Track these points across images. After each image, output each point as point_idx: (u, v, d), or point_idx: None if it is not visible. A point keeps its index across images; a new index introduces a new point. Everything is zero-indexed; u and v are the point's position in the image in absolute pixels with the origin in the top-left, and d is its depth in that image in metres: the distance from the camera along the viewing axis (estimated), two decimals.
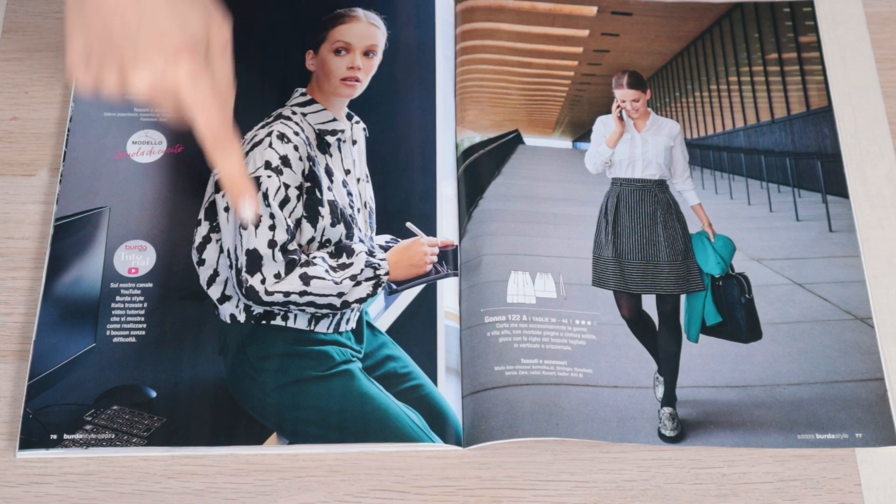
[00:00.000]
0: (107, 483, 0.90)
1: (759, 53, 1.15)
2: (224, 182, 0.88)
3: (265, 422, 0.92)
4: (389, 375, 0.96)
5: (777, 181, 1.11)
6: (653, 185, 1.08)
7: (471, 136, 1.09)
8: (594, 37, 1.16)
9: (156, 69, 0.84)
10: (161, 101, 0.87)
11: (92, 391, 0.93)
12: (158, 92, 0.85)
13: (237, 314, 0.97)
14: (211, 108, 0.86)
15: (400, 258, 0.99)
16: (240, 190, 0.88)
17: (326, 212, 0.98)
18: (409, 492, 0.90)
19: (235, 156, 0.87)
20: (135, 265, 0.99)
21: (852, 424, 0.93)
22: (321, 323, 0.97)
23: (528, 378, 0.94)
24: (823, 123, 1.09)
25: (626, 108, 1.10)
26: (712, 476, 0.91)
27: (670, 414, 0.94)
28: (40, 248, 1.00)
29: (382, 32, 1.06)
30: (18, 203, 1.03)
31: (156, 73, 0.84)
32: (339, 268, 0.96)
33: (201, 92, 0.85)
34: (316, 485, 0.90)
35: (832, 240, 1.04)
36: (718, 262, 1.03)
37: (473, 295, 0.99)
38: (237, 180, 0.88)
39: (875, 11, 1.16)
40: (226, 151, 0.87)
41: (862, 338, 0.97)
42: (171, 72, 0.84)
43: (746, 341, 0.99)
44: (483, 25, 1.15)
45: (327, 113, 1.03)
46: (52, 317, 0.96)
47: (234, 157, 0.87)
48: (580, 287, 1.01)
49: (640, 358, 0.97)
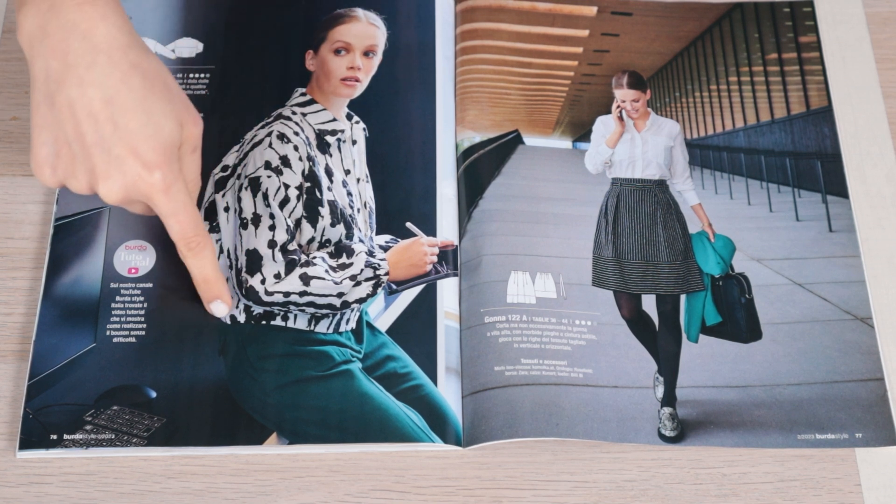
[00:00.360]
0: (107, 483, 0.90)
1: (759, 53, 1.15)
2: (198, 283, 0.92)
3: (265, 422, 0.92)
4: (389, 375, 0.96)
5: (777, 181, 1.11)
6: (653, 186, 1.08)
7: (471, 136, 1.09)
8: (594, 37, 1.16)
9: (128, 178, 0.83)
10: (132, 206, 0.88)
11: (92, 391, 0.93)
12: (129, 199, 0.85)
13: (237, 314, 0.97)
14: (183, 214, 0.86)
15: (400, 258, 0.99)
16: (214, 292, 0.92)
17: (326, 212, 0.98)
18: (409, 492, 0.90)
19: (209, 258, 0.90)
20: (135, 265, 0.99)
21: (852, 424, 0.92)
22: (321, 323, 0.97)
23: (528, 378, 0.94)
24: (823, 123, 1.09)
25: (626, 108, 1.10)
26: (712, 476, 0.91)
27: (670, 414, 0.94)
28: (40, 248, 1.00)
29: (382, 32, 1.06)
30: (18, 203, 1.03)
31: (128, 182, 0.83)
32: (339, 268, 0.96)
33: (174, 201, 0.85)
34: (316, 485, 0.90)
35: (832, 240, 1.04)
36: (718, 262, 1.03)
37: (473, 295, 0.99)
38: (212, 282, 0.92)
39: (875, 11, 1.16)
40: (200, 254, 0.90)
41: (862, 338, 0.97)
42: (144, 181, 0.83)
43: (746, 341, 0.99)
44: (483, 25, 1.15)
45: (327, 113, 1.03)
46: (52, 317, 0.96)
47: (208, 258, 0.90)
48: (580, 287, 1.01)
49: (640, 358, 0.97)
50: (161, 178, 0.84)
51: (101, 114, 0.81)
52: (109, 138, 0.82)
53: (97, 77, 0.81)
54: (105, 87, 0.81)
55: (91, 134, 0.82)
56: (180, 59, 1.10)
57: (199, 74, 1.09)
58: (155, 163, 0.83)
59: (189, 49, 1.10)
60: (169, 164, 0.84)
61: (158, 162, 0.83)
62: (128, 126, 0.82)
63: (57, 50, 0.81)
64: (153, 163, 0.83)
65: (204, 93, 1.08)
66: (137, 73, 0.83)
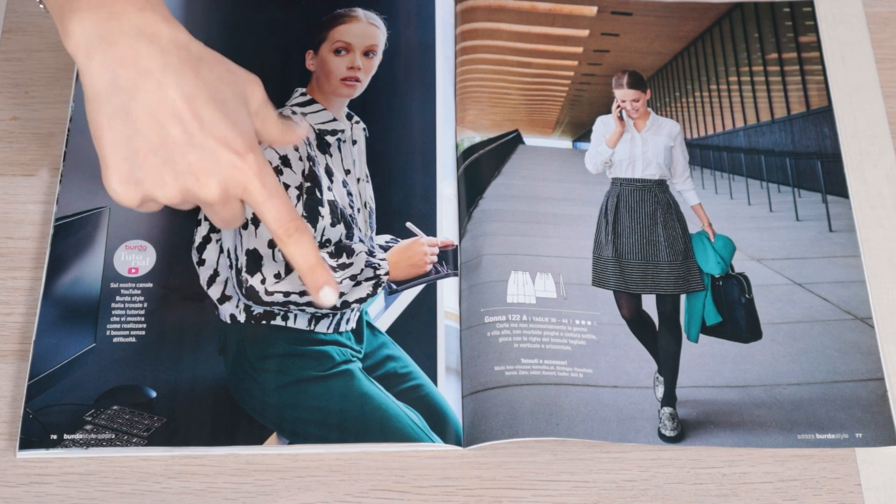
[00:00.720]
0: (107, 483, 0.90)
1: (759, 53, 1.15)
2: (303, 272, 0.85)
3: (265, 422, 0.92)
4: (389, 375, 0.96)
5: (777, 181, 1.11)
6: (653, 185, 1.08)
7: (471, 136, 1.09)
8: (594, 37, 1.16)
9: (225, 168, 0.80)
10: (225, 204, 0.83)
11: (92, 391, 0.93)
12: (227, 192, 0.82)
13: (237, 314, 0.97)
14: (278, 199, 0.82)
15: (400, 258, 0.99)
16: (321, 279, 0.85)
17: (326, 212, 0.98)
18: (409, 492, 0.90)
19: (309, 242, 0.84)
20: (135, 265, 0.99)
21: (852, 424, 0.92)
22: (321, 323, 0.97)
23: (528, 378, 0.94)
24: (823, 123, 1.09)
25: (626, 108, 1.10)
26: (712, 476, 0.91)
27: (670, 414, 0.94)
28: (40, 248, 1.00)
29: (382, 32, 1.06)
30: (18, 203, 1.03)
31: (226, 173, 0.80)
32: (339, 268, 0.96)
33: (269, 184, 0.82)
34: (316, 485, 0.90)
35: (832, 240, 1.04)
36: (718, 262, 1.03)
37: (473, 295, 0.99)
38: (317, 269, 0.85)
39: (875, 11, 1.16)
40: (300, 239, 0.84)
41: (862, 338, 0.97)
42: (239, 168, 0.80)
43: (746, 341, 0.99)
44: (483, 25, 1.15)
45: (327, 113, 1.03)
46: (52, 317, 0.96)
47: (308, 243, 0.84)
48: (580, 287, 1.01)
49: (640, 358, 0.97)
50: (254, 161, 0.81)
51: (185, 112, 0.79)
52: (198, 134, 0.79)
53: (172, 78, 0.79)
54: (182, 86, 0.79)
55: (179, 134, 0.79)
56: None
57: None
58: (245, 147, 0.81)
59: None
60: (256, 146, 0.82)
61: (247, 146, 0.81)
62: (213, 118, 0.80)
63: (125, 58, 0.78)
64: (243, 148, 0.80)
65: None
66: (205, 65, 0.81)
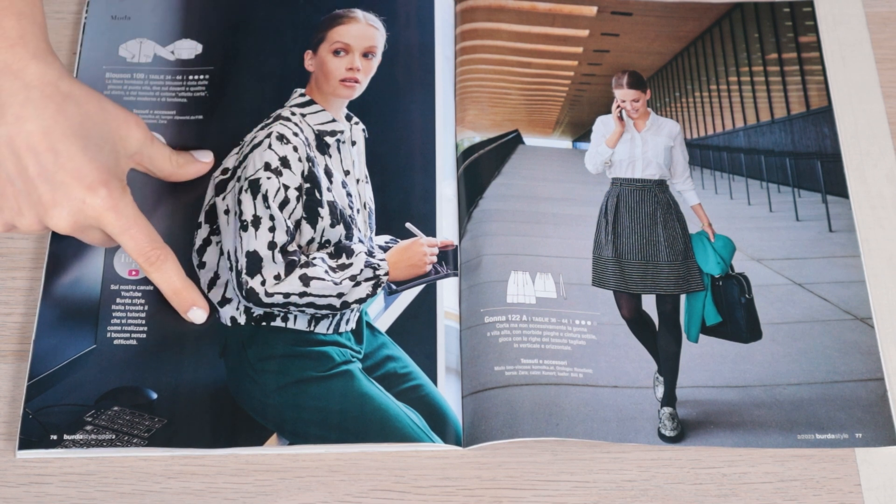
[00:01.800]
0: (107, 483, 0.90)
1: (759, 53, 1.15)
2: (169, 296, 0.93)
3: (266, 423, 0.92)
4: (389, 376, 0.96)
5: (777, 181, 1.11)
6: (653, 185, 1.08)
7: (471, 136, 1.09)
8: (594, 37, 1.16)
9: (74, 203, 0.85)
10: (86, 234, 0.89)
11: (92, 392, 0.93)
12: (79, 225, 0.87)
13: (237, 317, 0.97)
14: (135, 229, 0.88)
15: (400, 258, 0.99)
16: (188, 301, 0.93)
17: (326, 213, 0.98)
18: (409, 492, 0.90)
19: (172, 268, 0.91)
20: (135, 268, 0.99)
21: (852, 424, 0.92)
22: (321, 324, 0.97)
23: (528, 378, 0.94)
24: (823, 123, 1.09)
25: (626, 108, 1.10)
26: (712, 476, 0.91)
27: (670, 414, 0.94)
28: (40, 249, 1.00)
29: (381, 34, 1.06)
30: None
31: (75, 207, 0.85)
32: (339, 268, 0.96)
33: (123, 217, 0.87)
34: (316, 485, 0.90)
35: (832, 240, 1.04)
36: (718, 262, 1.03)
37: (473, 295, 0.99)
38: (182, 292, 0.92)
39: (875, 11, 1.16)
40: (162, 266, 0.90)
41: (862, 338, 0.97)
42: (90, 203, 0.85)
43: (746, 341, 0.99)
44: (483, 25, 1.15)
45: (326, 114, 1.03)
46: (51, 317, 0.96)
47: (171, 269, 0.91)
48: (580, 287, 1.01)
49: (640, 358, 0.97)
50: (107, 196, 0.85)
51: (41, 145, 0.83)
52: (51, 167, 0.83)
53: (33, 111, 0.83)
54: (42, 119, 0.83)
55: (33, 166, 0.83)
56: (179, 61, 1.10)
57: (199, 76, 1.09)
58: (98, 182, 0.85)
59: (188, 50, 1.10)
60: (112, 182, 0.86)
61: (102, 181, 0.85)
62: (68, 152, 0.84)
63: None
64: (96, 182, 0.85)
65: (203, 94, 1.08)
66: (71, 102, 0.85)
